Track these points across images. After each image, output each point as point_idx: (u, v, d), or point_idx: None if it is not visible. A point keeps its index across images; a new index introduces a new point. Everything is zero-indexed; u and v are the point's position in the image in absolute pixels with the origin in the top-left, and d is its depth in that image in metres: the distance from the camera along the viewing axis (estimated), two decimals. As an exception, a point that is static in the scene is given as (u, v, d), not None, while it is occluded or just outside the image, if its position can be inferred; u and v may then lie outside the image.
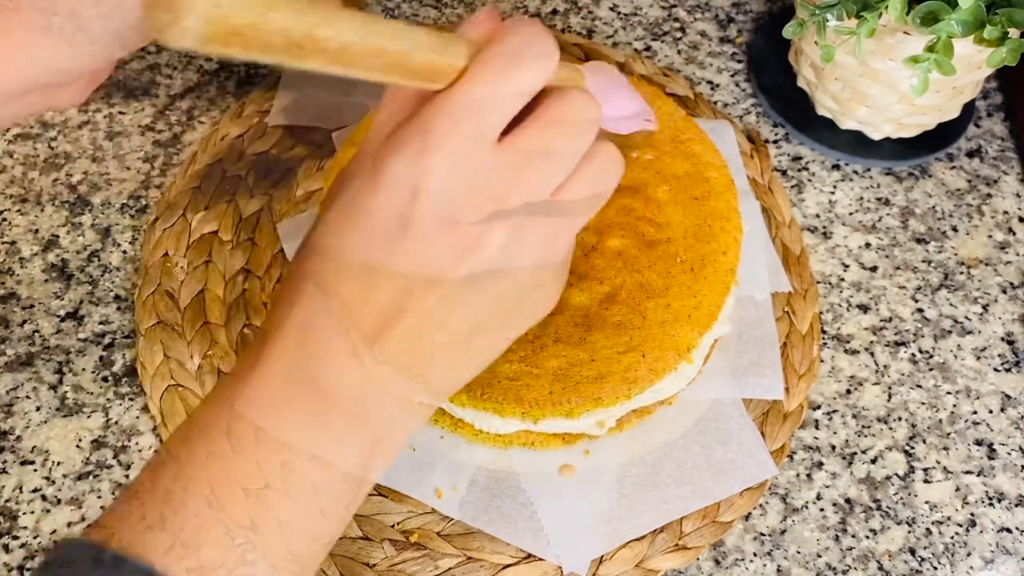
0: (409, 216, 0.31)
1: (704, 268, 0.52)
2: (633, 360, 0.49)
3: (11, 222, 0.61)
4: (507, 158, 0.32)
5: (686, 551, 0.50)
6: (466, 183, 0.31)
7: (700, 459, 0.52)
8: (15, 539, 0.50)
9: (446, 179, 0.31)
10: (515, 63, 0.31)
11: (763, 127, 0.68)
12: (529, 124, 0.32)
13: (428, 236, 0.31)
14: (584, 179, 0.34)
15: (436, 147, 0.31)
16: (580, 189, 0.34)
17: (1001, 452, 0.55)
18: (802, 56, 0.66)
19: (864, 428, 0.55)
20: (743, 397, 0.54)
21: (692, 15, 0.74)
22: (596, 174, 0.34)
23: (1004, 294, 0.61)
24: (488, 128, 0.31)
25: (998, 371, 0.58)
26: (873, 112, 0.64)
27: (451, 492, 0.51)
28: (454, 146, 0.31)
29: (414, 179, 0.31)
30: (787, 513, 0.52)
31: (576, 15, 0.73)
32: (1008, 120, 0.70)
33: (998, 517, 0.53)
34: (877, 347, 0.58)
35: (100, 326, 0.57)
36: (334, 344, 0.32)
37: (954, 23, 0.54)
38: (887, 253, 0.62)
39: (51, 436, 0.53)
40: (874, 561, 0.51)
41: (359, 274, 0.32)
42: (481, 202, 0.31)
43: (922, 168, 0.67)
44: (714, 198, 0.55)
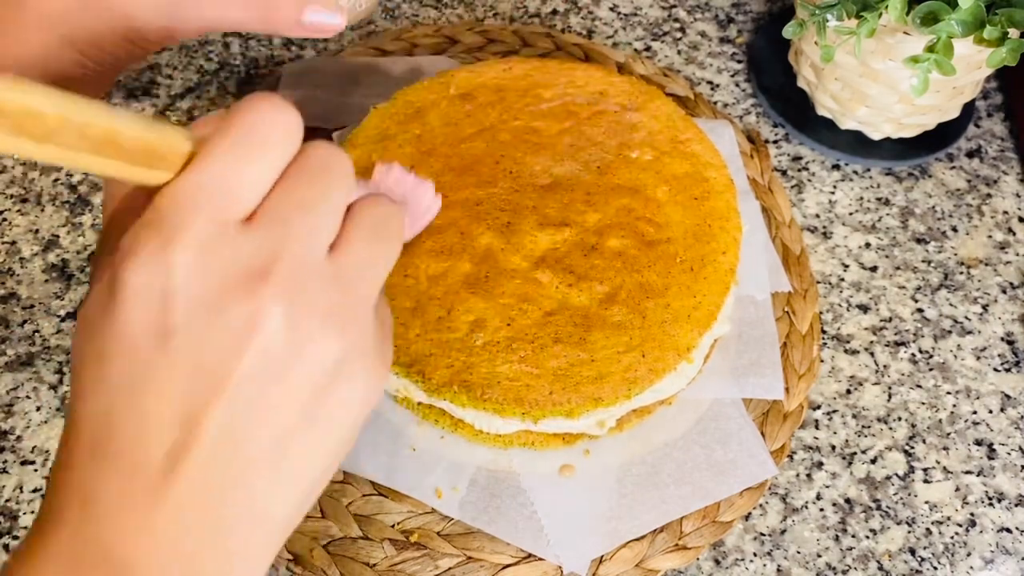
0: (165, 325, 0.26)
1: (704, 268, 0.52)
2: (633, 360, 0.49)
3: (11, 222, 0.61)
4: (260, 230, 0.27)
5: (686, 551, 0.50)
6: (220, 268, 0.27)
7: (700, 459, 0.52)
8: (15, 539, 0.50)
9: (195, 271, 0.26)
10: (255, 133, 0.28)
11: (763, 127, 0.68)
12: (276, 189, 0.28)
13: (193, 339, 0.26)
14: (358, 230, 0.30)
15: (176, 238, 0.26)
16: (357, 241, 0.30)
17: (1001, 452, 0.55)
18: (802, 56, 0.66)
19: (864, 428, 0.55)
20: (743, 397, 0.54)
21: (692, 15, 0.74)
22: (371, 221, 0.30)
23: (1004, 294, 0.61)
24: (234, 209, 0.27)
25: (998, 371, 0.58)
26: (873, 112, 0.64)
27: (451, 492, 0.51)
28: (197, 232, 0.26)
29: (159, 283, 0.26)
30: (787, 513, 0.52)
31: (576, 15, 0.73)
32: (1008, 120, 0.70)
33: (998, 517, 0.53)
34: (877, 347, 0.58)
35: (100, 326, 0.57)
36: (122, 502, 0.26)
37: (954, 23, 0.54)
38: (887, 253, 0.62)
39: (51, 436, 0.53)
40: (874, 561, 0.51)
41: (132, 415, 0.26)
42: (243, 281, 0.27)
43: (922, 168, 0.67)
44: (714, 198, 0.55)
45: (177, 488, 0.26)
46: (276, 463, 0.28)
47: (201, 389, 0.26)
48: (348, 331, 0.29)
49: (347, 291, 0.29)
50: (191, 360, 0.26)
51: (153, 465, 0.26)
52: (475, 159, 0.55)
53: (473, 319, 0.49)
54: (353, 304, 0.29)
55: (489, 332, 0.49)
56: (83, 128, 0.25)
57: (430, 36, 0.70)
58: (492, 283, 0.50)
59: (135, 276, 0.26)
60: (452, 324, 0.49)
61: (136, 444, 0.26)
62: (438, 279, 0.50)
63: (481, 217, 0.52)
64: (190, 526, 0.27)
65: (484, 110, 0.57)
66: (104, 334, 0.27)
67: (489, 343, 0.49)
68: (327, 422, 0.29)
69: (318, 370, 0.28)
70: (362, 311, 0.29)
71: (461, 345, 0.49)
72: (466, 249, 0.51)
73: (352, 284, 0.29)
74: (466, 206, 0.53)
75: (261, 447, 0.27)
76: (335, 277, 0.29)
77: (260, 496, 0.28)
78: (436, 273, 0.51)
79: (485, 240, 0.52)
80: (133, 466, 0.26)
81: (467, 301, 0.50)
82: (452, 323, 0.49)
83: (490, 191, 0.53)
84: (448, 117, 0.57)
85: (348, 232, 0.30)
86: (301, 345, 0.27)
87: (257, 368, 0.27)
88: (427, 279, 0.50)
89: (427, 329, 0.49)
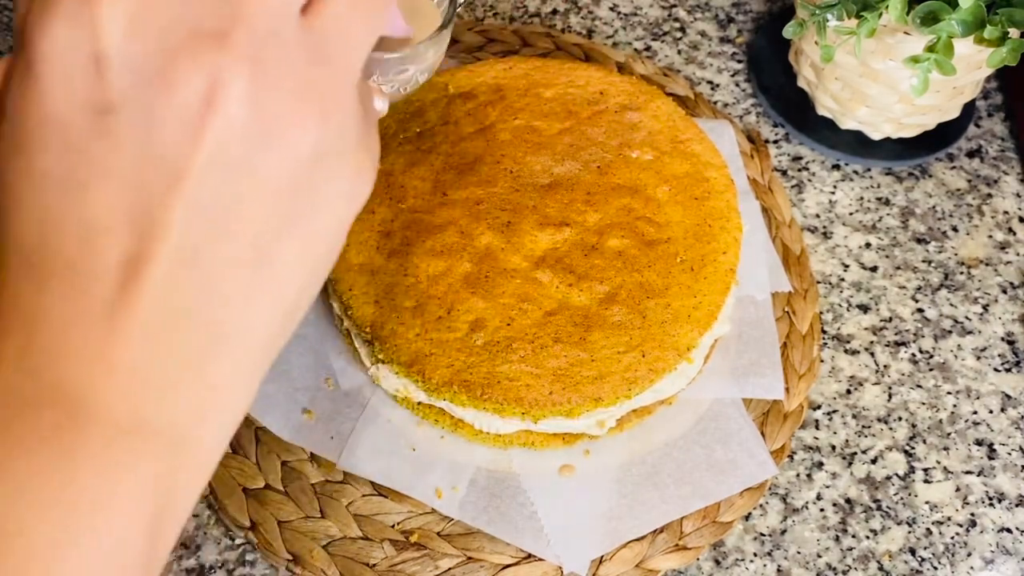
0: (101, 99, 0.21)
1: (704, 268, 0.52)
2: (633, 360, 0.49)
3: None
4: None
5: (686, 551, 0.50)
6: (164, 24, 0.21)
7: (700, 459, 0.52)
8: (15, 539, 0.50)
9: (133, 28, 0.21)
10: None
11: (763, 127, 0.68)
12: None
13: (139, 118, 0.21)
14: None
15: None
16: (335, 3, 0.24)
17: (1001, 452, 0.55)
18: (802, 56, 0.66)
19: (864, 428, 0.55)
20: (743, 397, 0.54)
21: (692, 15, 0.74)
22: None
23: (1004, 294, 0.61)
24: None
25: (998, 371, 0.58)
26: (873, 112, 0.64)
27: (451, 492, 0.50)
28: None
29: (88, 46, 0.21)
30: (787, 513, 0.52)
31: (576, 15, 0.73)
32: (1008, 120, 0.70)
33: (998, 517, 0.53)
34: (877, 347, 0.58)
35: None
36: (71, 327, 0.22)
37: (954, 23, 0.54)
38: (887, 253, 0.62)
39: (51, 436, 0.53)
40: (874, 561, 0.51)
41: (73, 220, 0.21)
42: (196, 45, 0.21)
43: (922, 168, 0.67)
44: (714, 198, 0.55)
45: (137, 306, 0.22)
46: (253, 270, 0.23)
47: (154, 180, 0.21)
48: (327, 113, 0.23)
49: (325, 62, 0.23)
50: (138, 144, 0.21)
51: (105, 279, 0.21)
52: (475, 158, 0.55)
53: (473, 319, 0.49)
54: (331, 79, 0.24)
55: (489, 332, 0.49)
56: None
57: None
58: (492, 283, 0.50)
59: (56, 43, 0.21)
60: (452, 324, 0.49)
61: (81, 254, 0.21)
62: (438, 278, 0.50)
63: (481, 216, 0.52)
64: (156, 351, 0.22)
65: (484, 109, 0.57)
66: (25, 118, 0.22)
67: (489, 343, 0.49)
68: (309, 222, 0.24)
69: (293, 158, 0.23)
70: (343, 89, 0.24)
71: (461, 345, 0.49)
72: (466, 249, 0.51)
73: (331, 53, 0.24)
74: (466, 205, 0.53)
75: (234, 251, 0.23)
76: (310, 44, 0.23)
77: (238, 311, 0.23)
78: (436, 272, 0.50)
79: (485, 240, 0.51)
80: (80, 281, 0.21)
81: (467, 301, 0.50)
82: (452, 323, 0.49)
83: (490, 190, 0.53)
84: (448, 116, 0.57)
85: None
86: (270, 127, 0.22)
87: (220, 155, 0.22)
88: (427, 278, 0.50)
89: (427, 329, 0.49)
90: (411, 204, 0.53)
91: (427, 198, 0.53)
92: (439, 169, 0.54)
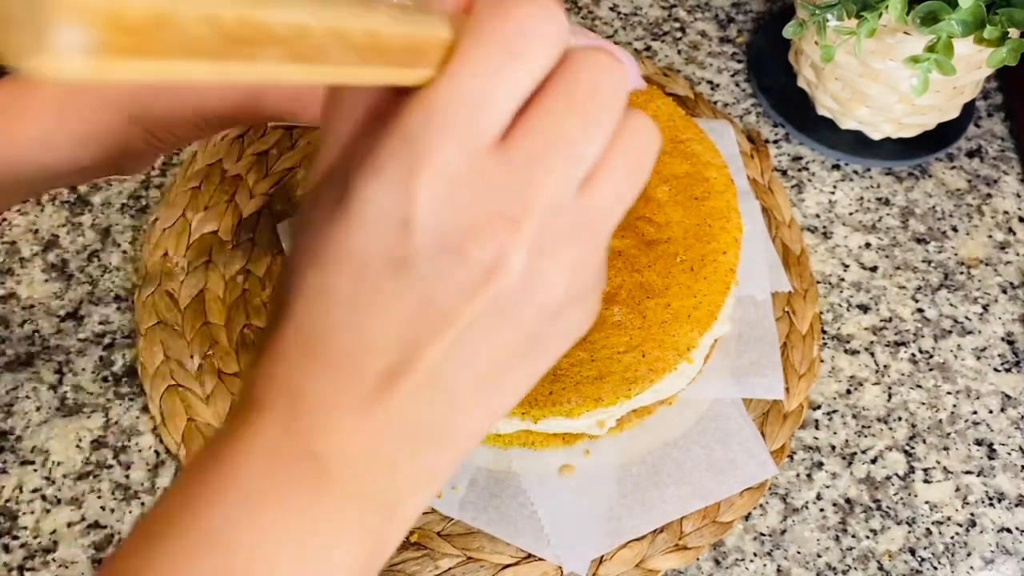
0: (402, 256, 0.25)
1: (704, 268, 0.52)
2: (633, 360, 0.49)
3: (11, 222, 0.61)
4: (514, 163, 0.25)
5: (686, 551, 0.50)
6: (467, 204, 0.25)
7: (700, 459, 0.52)
8: (15, 539, 0.50)
9: (441, 204, 0.25)
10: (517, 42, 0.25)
11: (763, 127, 0.68)
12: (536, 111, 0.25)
13: (429, 275, 0.25)
14: (616, 164, 0.27)
15: (423, 164, 0.24)
16: (613, 178, 0.27)
17: (1001, 452, 0.55)
18: (802, 56, 0.66)
19: (864, 428, 0.55)
20: (743, 397, 0.54)
21: (692, 15, 0.74)
22: (630, 154, 0.27)
23: (1004, 294, 0.61)
24: (487, 131, 0.25)
25: (998, 371, 0.58)
26: (873, 112, 0.64)
27: (451, 492, 0.51)
28: (446, 160, 0.24)
29: (402, 210, 0.24)
30: (787, 513, 0.52)
31: (576, 15, 0.73)
32: (1008, 120, 0.70)
33: (998, 517, 0.53)
34: (877, 347, 0.58)
35: (100, 326, 0.57)
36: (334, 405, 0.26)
37: (954, 23, 0.54)
38: (887, 253, 0.62)
39: (51, 436, 0.53)
40: (874, 561, 0.51)
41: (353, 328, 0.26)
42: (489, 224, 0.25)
43: (922, 168, 0.67)
44: (714, 198, 0.55)
45: (387, 407, 0.26)
46: (485, 395, 0.28)
47: (426, 322, 0.26)
48: (579, 275, 0.27)
49: (591, 236, 0.27)
50: (421, 294, 0.25)
51: (368, 378, 0.26)
52: (475, 159, 0.55)
53: (473, 319, 0.49)
54: (590, 250, 0.27)
55: (489, 332, 0.49)
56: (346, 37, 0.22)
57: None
58: (492, 283, 0.50)
59: (376, 197, 0.25)
60: (452, 324, 0.49)
61: (354, 355, 0.26)
62: (438, 279, 0.50)
63: (481, 217, 0.52)
64: (392, 442, 0.27)
65: (484, 110, 0.57)
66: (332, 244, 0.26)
67: (489, 343, 0.49)
68: (540, 357, 0.29)
69: (545, 313, 0.27)
70: (596, 255, 0.28)
71: (461, 345, 0.49)
72: (466, 249, 0.51)
73: (597, 227, 0.27)
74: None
75: (474, 379, 0.27)
76: (582, 220, 0.27)
77: (464, 421, 0.28)
78: (436, 273, 0.50)
79: (485, 240, 0.51)
80: (349, 374, 0.26)
81: (467, 301, 0.50)
82: (452, 323, 0.49)
83: None
84: (448, 117, 0.57)
85: (608, 164, 0.27)
86: (534, 292, 0.26)
87: (487, 312, 0.26)
88: (427, 279, 0.50)
89: (427, 329, 0.49)
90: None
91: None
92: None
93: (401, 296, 0.25)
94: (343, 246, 0.25)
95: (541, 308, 0.27)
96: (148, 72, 0.18)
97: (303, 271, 0.27)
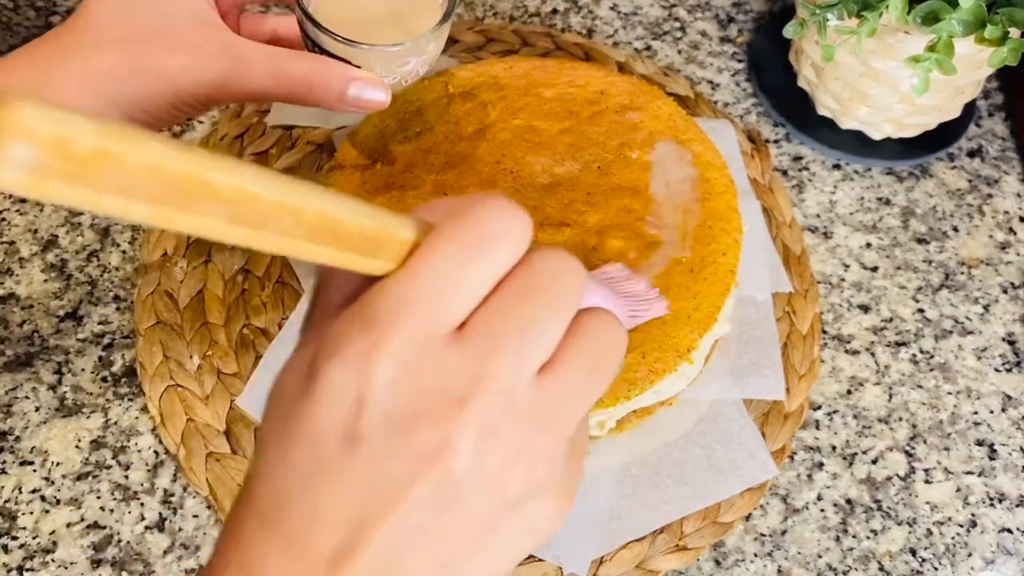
0: (354, 431, 0.26)
1: (704, 269, 0.52)
2: (633, 360, 0.49)
3: (10, 222, 0.61)
4: (468, 348, 0.26)
5: (686, 552, 0.50)
6: (418, 387, 0.26)
7: (700, 460, 0.52)
8: (14, 539, 0.50)
9: (394, 385, 0.25)
10: (481, 241, 0.26)
11: (764, 127, 0.68)
12: (492, 300, 0.26)
13: (378, 452, 0.26)
14: (576, 355, 0.27)
15: (379, 347, 0.25)
16: (573, 369, 0.27)
17: (1002, 452, 0.55)
18: (803, 56, 0.66)
19: (865, 428, 0.55)
20: (743, 397, 0.54)
21: (692, 15, 0.74)
22: (591, 346, 0.28)
23: (1005, 294, 0.61)
24: (445, 320, 0.26)
25: (999, 371, 0.58)
26: (874, 112, 0.64)
27: (451, 493, 0.50)
28: (402, 345, 0.25)
29: (356, 388, 0.25)
30: (788, 514, 0.52)
31: (576, 14, 0.73)
32: (1009, 120, 0.70)
33: (999, 518, 0.53)
34: (878, 347, 0.58)
35: (99, 326, 0.57)
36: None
37: (955, 23, 0.53)
38: (888, 253, 0.62)
39: (50, 436, 0.53)
40: (875, 562, 0.51)
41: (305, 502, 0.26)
42: (438, 405, 0.26)
43: (923, 168, 0.66)
44: (714, 198, 0.54)
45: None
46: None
47: (375, 501, 0.26)
48: (537, 469, 0.27)
49: (544, 429, 0.27)
50: (371, 471, 0.26)
51: (319, 557, 0.26)
52: (475, 158, 0.55)
53: (473, 319, 0.49)
54: (547, 442, 0.27)
55: (489, 332, 0.49)
56: (298, 214, 0.23)
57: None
58: (492, 283, 0.50)
59: (335, 375, 0.26)
60: (452, 324, 0.49)
61: (305, 532, 0.26)
62: (438, 279, 0.50)
63: (481, 217, 0.52)
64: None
65: (484, 109, 0.57)
66: (293, 417, 0.27)
67: (489, 343, 0.49)
68: (496, 553, 0.28)
69: (496, 504, 0.27)
70: (555, 448, 0.27)
71: (461, 345, 0.48)
72: (466, 249, 0.51)
73: (553, 419, 0.27)
74: (466, 206, 0.53)
75: (425, 566, 0.27)
76: (537, 410, 0.27)
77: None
78: (436, 273, 0.50)
79: (485, 240, 0.51)
80: (299, 551, 0.26)
81: (467, 301, 0.49)
82: (452, 323, 0.49)
83: (491, 191, 0.53)
84: (448, 116, 0.57)
85: (565, 355, 0.27)
86: (483, 479, 0.26)
87: (433, 495, 0.26)
88: (427, 279, 0.50)
89: (427, 329, 0.49)
90: (411, 204, 0.53)
91: (427, 198, 0.53)
92: (439, 169, 0.54)
93: (352, 473, 0.26)
94: (302, 418, 0.26)
95: (494, 497, 0.26)
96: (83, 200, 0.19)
97: (265, 441, 0.27)
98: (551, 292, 0.27)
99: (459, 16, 0.73)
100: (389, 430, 0.26)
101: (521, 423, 0.26)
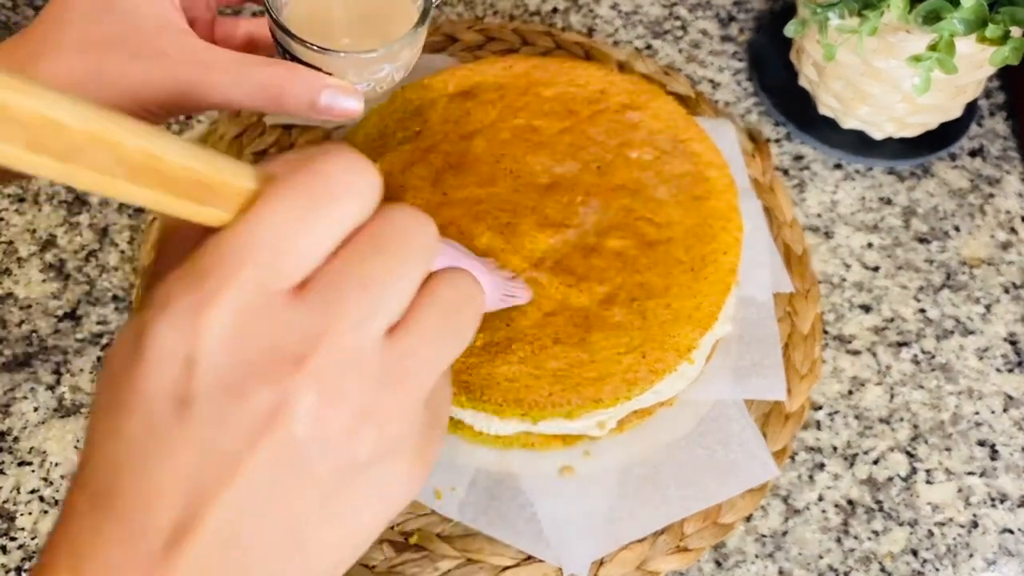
0: (185, 395, 0.24)
1: (705, 268, 0.52)
2: (633, 361, 0.49)
3: (8, 222, 0.60)
4: (308, 305, 0.24)
5: (687, 553, 0.50)
6: (254, 344, 0.24)
7: (701, 460, 0.52)
8: (12, 540, 0.49)
9: (226, 343, 0.24)
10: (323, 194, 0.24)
11: (764, 126, 0.68)
12: (338, 256, 0.25)
13: (211, 416, 0.24)
14: (428, 313, 0.26)
15: (211, 302, 0.24)
16: (424, 327, 0.26)
17: (1004, 453, 0.55)
18: (804, 55, 0.66)
19: (866, 429, 0.55)
20: (744, 398, 0.54)
21: (693, 13, 0.74)
22: (446, 304, 0.27)
23: (1007, 294, 0.61)
24: (284, 275, 0.24)
25: (1000, 372, 0.58)
26: (875, 111, 0.63)
27: (450, 493, 0.50)
28: (237, 298, 0.24)
29: (185, 347, 0.24)
30: (789, 514, 0.52)
31: (577, 13, 0.73)
32: (1011, 119, 0.69)
33: (1000, 518, 0.53)
34: (879, 347, 0.58)
35: (98, 326, 0.57)
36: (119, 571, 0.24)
37: (956, 22, 0.53)
38: (889, 253, 0.62)
39: (49, 437, 0.53)
40: (876, 562, 0.51)
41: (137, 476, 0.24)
42: (275, 365, 0.24)
43: (924, 167, 0.66)
44: (715, 198, 0.54)
45: (175, 568, 0.24)
46: (285, 556, 0.25)
47: (211, 471, 0.24)
48: (386, 429, 0.26)
49: (395, 387, 0.26)
50: (205, 438, 0.24)
51: (153, 538, 0.24)
52: (475, 158, 0.55)
53: (473, 319, 0.49)
54: (399, 401, 0.26)
55: (488, 332, 0.49)
56: (117, 149, 0.21)
57: (430, 34, 0.70)
58: (492, 283, 0.50)
59: (162, 335, 0.24)
60: (451, 324, 0.49)
61: (138, 509, 0.24)
62: (437, 279, 0.50)
63: (481, 217, 0.52)
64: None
65: (484, 108, 0.57)
66: (123, 386, 0.25)
67: (489, 344, 0.48)
68: (348, 519, 0.26)
69: (343, 466, 0.25)
70: (408, 408, 0.26)
71: (461, 346, 0.48)
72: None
73: (404, 378, 0.26)
74: (466, 205, 0.53)
75: (268, 539, 0.25)
76: (386, 369, 0.25)
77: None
78: (435, 273, 0.50)
79: (485, 240, 0.51)
80: (132, 532, 0.24)
81: (467, 301, 0.49)
82: (451, 323, 0.49)
83: (490, 190, 0.53)
84: (448, 115, 0.57)
85: (416, 313, 0.26)
86: (326, 441, 0.25)
87: (272, 460, 0.24)
88: (426, 279, 0.50)
89: (426, 329, 0.49)
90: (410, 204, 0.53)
91: (427, 198, 0.53)
92: (439, 168, 0.54)
93: (185, 441, 0.24)
94: (131, 386, 0.24)
95: (341, 460, 0.25)
96: None
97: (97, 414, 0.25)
98: (398, 247, 0.26)
99: (459, 15, 0.73)
100: (222, 392, 0.24)
101: (369, 382, 0.25)
